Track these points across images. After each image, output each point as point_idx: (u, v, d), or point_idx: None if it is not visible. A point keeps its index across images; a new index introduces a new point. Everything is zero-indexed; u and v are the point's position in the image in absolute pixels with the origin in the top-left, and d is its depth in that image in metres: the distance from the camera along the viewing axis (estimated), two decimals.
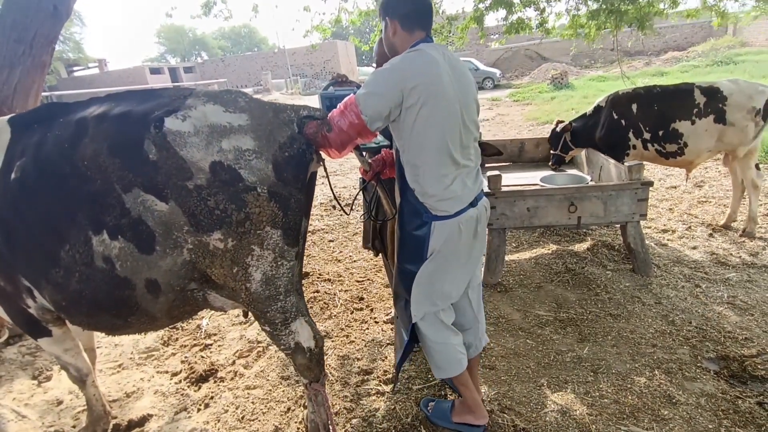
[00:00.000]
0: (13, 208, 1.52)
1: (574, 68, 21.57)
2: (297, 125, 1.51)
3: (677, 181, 5.11)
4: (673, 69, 16.93)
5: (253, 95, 1.57)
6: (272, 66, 32.09)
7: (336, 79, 2.14)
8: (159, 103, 1.45)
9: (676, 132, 3.48)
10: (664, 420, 1.96)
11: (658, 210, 4.36)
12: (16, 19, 2.38)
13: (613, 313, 2.76)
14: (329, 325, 2.93)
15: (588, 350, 2.44)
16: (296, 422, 2.12)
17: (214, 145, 1.39)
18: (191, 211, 1.39)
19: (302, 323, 1.70)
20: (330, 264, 3.90)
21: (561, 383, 2.22)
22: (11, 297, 1.71)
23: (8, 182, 1.53)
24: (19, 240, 1.54)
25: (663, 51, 23.32)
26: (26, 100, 2.51)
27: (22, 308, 1.72)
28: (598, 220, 3.09)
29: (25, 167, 1.51)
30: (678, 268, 3.26)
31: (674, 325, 2.61)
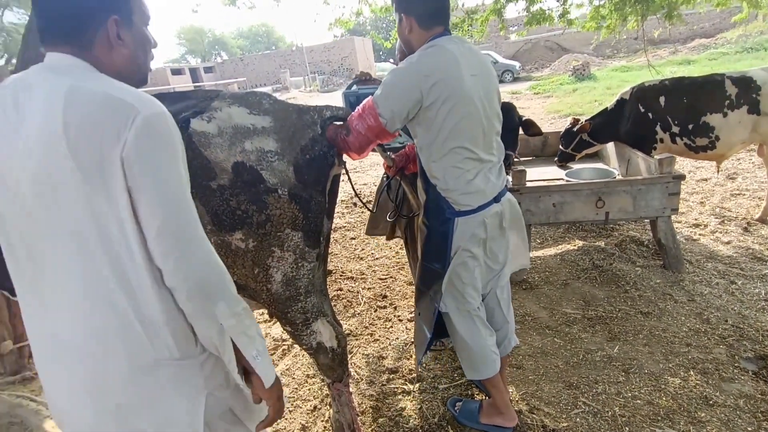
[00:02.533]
0: None
1: (596, 59, 21.09)
2: (321, 126, 1.51)
3: (708, 173, 4.94)
4: (700, 57, 16.40)
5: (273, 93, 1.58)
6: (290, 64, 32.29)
7: (359, 77, 2.13)
8: (188, 105, 1.47)
9: (707, 125, 3.35)
10: (700, 422, 1.89)
11: (689, 204, 4.23)
12: None
13: (644, 310, 2.68)
14: (353, 324, 2.94)
15: (618, 349, 2.38)
16: (322, 421, 2.13)
17: (237, 146, 1.40)
18: (214, 210, 1.41)
19: (324, 323, 1.70)
20: (352, 262, 3.90)
21: (591, 383, 2.17)
22: None
23: None
24: None
25: (689, 38, 22.58)
26: None
27: None
28: (627, 216, 3.01)
29: None
30: (711, 264, 3.15)
31: (709, 323, 2.52)
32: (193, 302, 0.90)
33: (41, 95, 0.85)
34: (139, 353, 0.90)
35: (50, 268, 0.87)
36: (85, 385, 0.89)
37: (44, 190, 0.84)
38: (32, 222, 0.86)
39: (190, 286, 0.89)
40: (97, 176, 0.83)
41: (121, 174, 0.84)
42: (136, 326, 0.89)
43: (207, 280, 0.91)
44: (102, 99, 0.84)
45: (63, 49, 0.90)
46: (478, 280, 1.73)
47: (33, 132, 0.83)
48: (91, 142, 0.82)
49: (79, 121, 0.82)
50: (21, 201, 0.86)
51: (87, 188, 0.83)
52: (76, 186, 0.83)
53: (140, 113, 0.85)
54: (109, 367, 0.89)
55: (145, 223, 0.87)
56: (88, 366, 0.88)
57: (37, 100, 0.85)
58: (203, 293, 0.90)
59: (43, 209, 0.85)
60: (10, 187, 0.86)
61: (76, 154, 0.82)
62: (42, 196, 0.84)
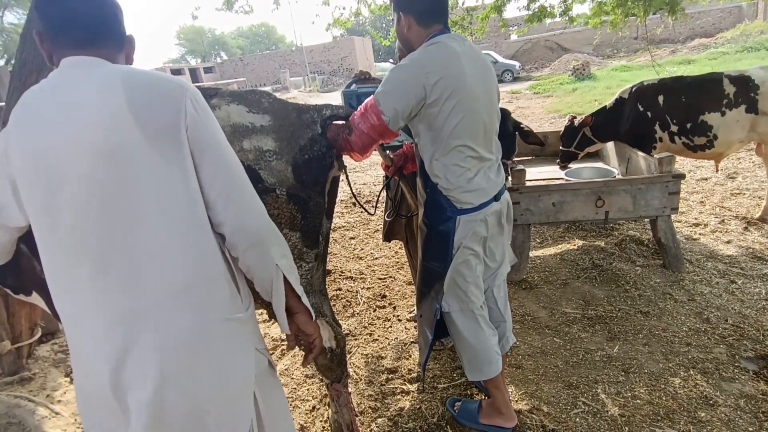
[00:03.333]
0: None
1: (596, 58, 21.08)
2: (321, 126, 1.49)
3: (708, 172, 4.93)
4: (700, 56, 16.38)
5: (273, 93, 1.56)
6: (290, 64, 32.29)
7: (358, 76, 2.12)
8: None
9: (705, 124, 3.34)
10: (701, 422, 1.89)
11: (689, 203, 4.22)
12: None
13: (644, 310, 2.67)
14: (352, 323, 2.93)
15: (618, 349, 2.37)
16: (321, 421, 2.12)
17: (236, 144, 1.39)
18: None
19: (323, 324, 1.69)
20: (352, 261, 3.90)
21: (591, 383, 2.17)
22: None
23: None
24: None
25: (690, 38, 22.60)
26: None
27: None
28: (626, 215, 3.00)
29: None
30: (711, 263, 3.14)
31: (709, 323, 2.51)
32: (253, 250, 1.01)
33: (91, 85, 0.91)
34: (206, 311, 0.96)
35: (115, 240, 0.90)
36: (156, 345, 0.92)
37: (109, 166, 0.89)
38: (97, 200, 0.89)
39: (250, 235, 1.00)
40: (165, 144, 0.92)
41: (186, 139, 0.94)
42: (204, 286, 0.96)
43: (263, 227, 1.03)
44: (158, 78, 0.95)
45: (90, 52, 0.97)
46: (480, 279, 1.72)
47: (91, 116, 0.89)
48: (156, 114, 0.92)
49: (143, 97, 0.91)
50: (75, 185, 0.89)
51: (155, 157, 0.91)
52: (143, 156, 0.90)
53: (188, 89, 0.97)
54: (180, 325, 0.93)
55: (208, 182, 0.97)
56: (161, 326, 0.92)
57: (88, 90, 0.91)
58: (261, 240, 1.01)
59: (109, 183, 0.89)
60: (55, 178, 0.90)
61: (143, 126, 0.90)
62: (106, 172, 0.89)
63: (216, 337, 0.98)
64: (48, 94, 0.93)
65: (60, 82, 0.94)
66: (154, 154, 0.91)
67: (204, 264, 0.96)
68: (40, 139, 0.91)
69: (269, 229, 1.04)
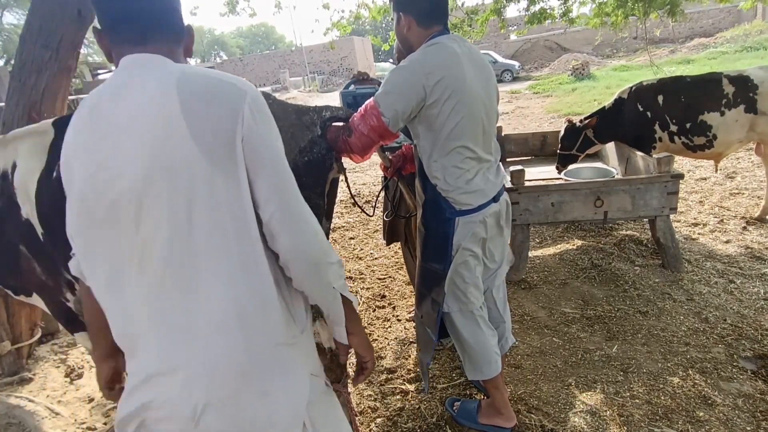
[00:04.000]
0: (55, 204, 1.57)
1: (595, 58, 21.10)
2: (320, 127, 1.48)
3: (707, 172, 4.94)
4: (700, 56, 16.39)
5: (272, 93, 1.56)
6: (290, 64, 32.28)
7: (357, 77, 2.13)
8: None
9: (705, 124, 3.35)
10: (699, 422, 1.89)
11: (688, 203, 4.23)
12: (42, 25, 2.43)
13: (643, 310, 2.68)
14: None
15: (617, 349, 2.38)
16: None
17: None
18: None
19: (322, 324, 1.69)
20: (351, 261, 3.90)
21: (590, 383, 2.17)
22: (52, 291, 1.77)
23: (51, 180, 1.57)
24: (60, 235, 1.59)
25: (689, 38, 22.60)
26: (53, 104, 2.56)
27: (61, 302, 1.79)
28: (625, 215, 3.01)
29: None
30: (710, 263, 3.15)
31: (708, 322, 2.52)
32: (310, 272, 0.95)
33: (149, 89, 0.85)
34: (259, 335, 0.91)
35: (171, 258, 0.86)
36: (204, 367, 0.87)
37: (163, 179, 0.83)
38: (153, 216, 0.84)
39: (307, 257, 0.93)
40: (220, 155, 0.85)
41: (241, 151, 0.86)
42: (257, 308, 0.90)
43: (318, 251, 0.95)
44: (215, 81, 0.87)
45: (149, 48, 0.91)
46: (479, 279, 1.73)
47: (148, 125, 0.83)
48: (211, 123, 0.84)
49: (198, 103, 0.84)
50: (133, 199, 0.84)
51: (209, 169, 0.84)
52: (198, 169, 0.83)
53: (248, 93, 0.89)
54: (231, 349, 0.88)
55: (263, 198, 0.89)
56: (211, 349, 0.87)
57: (146, 95, 0.85)
58: (316, 264, 0.95)
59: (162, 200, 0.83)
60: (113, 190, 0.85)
61: (197, 135, 0.83)
62: (159, 183, 0.83)
63: (267, 363, 0.92)
64: (109, 97, 0.89)
65: (121, 84, 0.89)
66: (209, 167, 0.84)
67: (257, 286, 0.90)
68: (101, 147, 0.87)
69: (324, 251, 0.97)
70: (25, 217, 1.65)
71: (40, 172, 1.62)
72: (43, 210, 1.61)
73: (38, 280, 1.77)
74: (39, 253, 1.68)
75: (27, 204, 1.63)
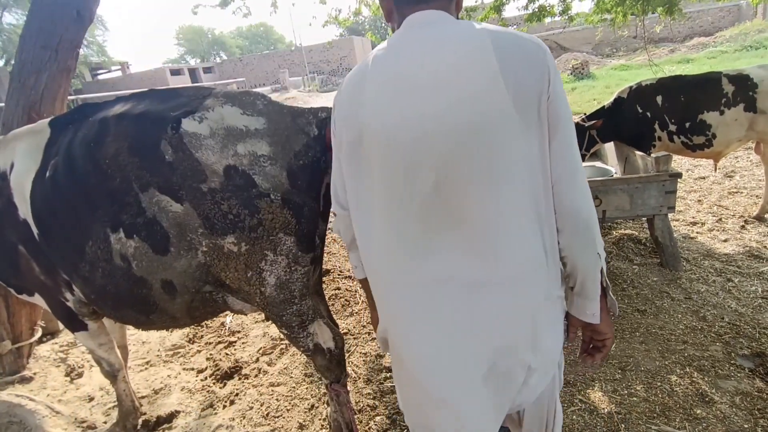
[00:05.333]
0: (49, 204, 1.58)
1: (595, 57, 21.06)
2: (317, 126, 1.48)
3: (706, 171, 4.95)
4: (699, 56, 16.38)
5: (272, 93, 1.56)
6: (289, 64, 32.29)
7: None
8: (178, 103, 1.45)
9: (704, 123, 3.36)
10: (697, 419, 1.90)
11: (686, 202, 4.24)
12: (41, 26, 2.44)
13: (641, 308, 2.69)
14: (351, 322, 2.94)
15: (615, 347, 2.39)
16: (320, 419, 2.14)
17: (230, 148, 1.38)
18: (205, 213, 1.40)
19: (320, 325, 1.70)
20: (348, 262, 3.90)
21: (587, 381, 2.18)
22: (51, 291, 1.79)
23: (44, 180, 1.58)
24: (55, 235, 1.60)
25: (688, 37, 22.57)
26: (53, 104, 2.57)
27: (61, 301, 1.80)
28: (624, 214, 3.01)
29: (57, 165, 1.55)
30: (708, 261, 3.16)
31: (706, 321, 2.53)
32: (581, 235, 0.96)
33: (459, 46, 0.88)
34: (542, 286, 0.95)
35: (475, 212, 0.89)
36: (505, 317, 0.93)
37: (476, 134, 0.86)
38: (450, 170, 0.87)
39: (582, 219, 0.95)
40: (529, 113, 0.87)
41: (545, 109, 0.89)
42: (542, 261, 0.94)
43: (592, 213, 0.97)
44: (521, 40, 0.89)
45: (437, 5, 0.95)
46: None
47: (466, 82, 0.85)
48: (525, 81, 0.86)
49: (513, 61, 0.86)
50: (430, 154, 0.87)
51: (521, 127, 0.87)
52: (511, 126, 0.86)
53: (546, 51, 0.91)
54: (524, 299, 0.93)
55: (556, 158, 0.92)
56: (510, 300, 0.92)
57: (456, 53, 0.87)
58: (590, 226, 0.96)
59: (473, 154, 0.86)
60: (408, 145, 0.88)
61: (513, 91, 0.85)
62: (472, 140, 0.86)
63: (547, 314, 0.97)
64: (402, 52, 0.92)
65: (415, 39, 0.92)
66: (519, 124, 0.86)
67: (543, 240, 0.93)
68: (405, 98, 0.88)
69: (594, 212, 0.98)
70: (22, 217, 1.65)
71: (35, 173, 1.63)
72: (37, 210, 1.61)
73: (37, 280, 1.78)
74: (37, 253, 1.69)
75: (23, 204, 1.64)
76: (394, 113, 0.89)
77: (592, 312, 1.03)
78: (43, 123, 1.71)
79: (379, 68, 0.94)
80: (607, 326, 1.07)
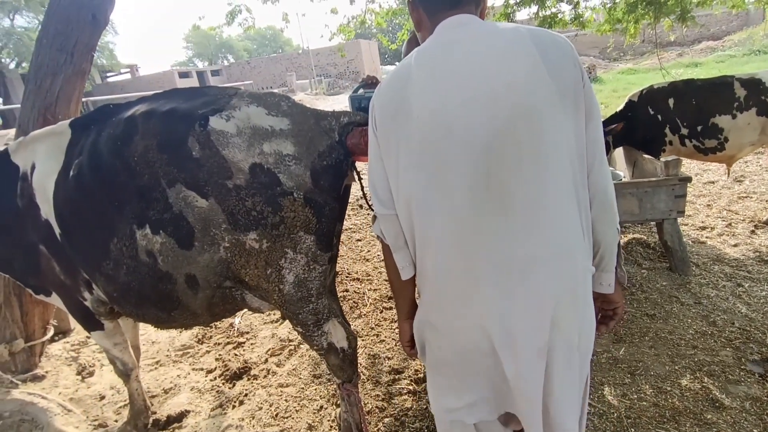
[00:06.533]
0: (72, 203, 1.61)
1: (602, 61, 21.02)
2: (338, 133, 1.50)
3: (715, 176, 4.92)
4: (708, 59, 16.31)
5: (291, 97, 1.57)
6: (296, 67, 32.42)
7: (366, 81, 2.15)
8: (204, 101, 1.48)
9: (716, 127, 3.35)
10: (707, 424, 1.89)
11: (696, 206, 4.22)
12: (58, 29, 2.48)
13: (650, 313, 2.68)
14: (359, 324, 2.95)
15: (624, 351, 2.38)
16: (329, 420, 2.15)
17: (256, 147, 1.41)
18: (230, 209, 1.42)
19: (335, 324, 1.71)
20: (358, 263, 3.92)
21: (596, 385, 2.18)
22: (70, 290, 1.82)
23: (68, 180, 1.61)
24: (78, 234, 1.62)
25: (697, 41, 22.45)
26: (68, 107, 2.60)
27: (79, 301, 1.82)
28: (632, 218, 3.01)
29: (81, 165, 1.58)
30: (718, 266, 3.14)
31: (716, 326, 2.51)
32: (606, 212, 1.06)
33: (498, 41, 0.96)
34: (581, 261, 1.02)
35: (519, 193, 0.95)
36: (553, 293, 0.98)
37: (525, 118, 0.92)
38: (500, 154, 0.93)
39: (608, 198, 1.05)
40: (569, 99, 0.95)
41: (582, 97, 0.98)
42: (580, 238, 1.01)
43: (614, 193, 1.07)
44: (553, 34, 0.99)
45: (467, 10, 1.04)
46: None
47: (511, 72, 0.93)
48: (564, 71, 0.95)
49: (552, 53, 0.94)
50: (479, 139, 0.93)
51: (561, 113, 0.95)
52: (555, 111, 0.94)
53: (573, 46, 1.00)
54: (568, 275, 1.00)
55: (590, 144, 1.01)
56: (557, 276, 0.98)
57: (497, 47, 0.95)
58: (612, 204, 1.06)
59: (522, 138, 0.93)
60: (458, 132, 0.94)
61: (555, 79, 0.93)
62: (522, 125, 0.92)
63: (584, 286, 1.04)
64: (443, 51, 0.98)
65: (452, 40, 0.99)
66: (560, 111, 0.94)
67: (580, 217, 1.01)
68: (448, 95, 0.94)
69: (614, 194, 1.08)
70: (44, 217, 1.68)
71: (57, 173, 1.66)
72: (60, 210, 1.65)
73: (57, 279, 1.80)
74: (57, 253, 1.72)
75: (45, 204, 1.67)
76: (445, 103, 0.95)
77: (608, 282, 1.12)
78: (63, 124, 1.74)
79: (424, 63, 0.99)
80: (618, 295, 1.16)
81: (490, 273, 0.98)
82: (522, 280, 0.97)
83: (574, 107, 0.96)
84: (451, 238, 0.99)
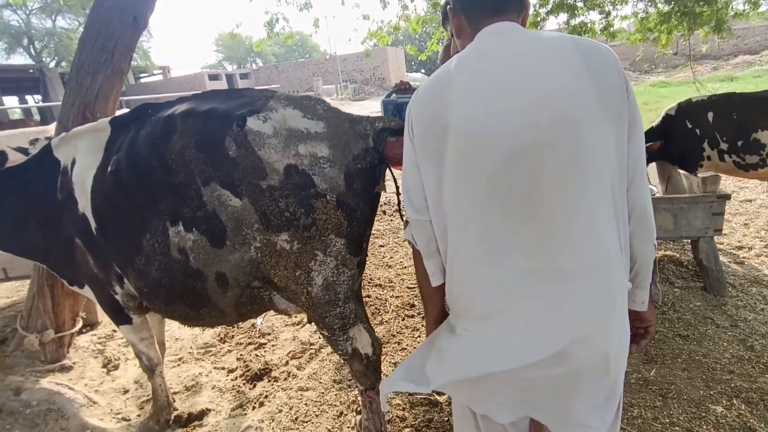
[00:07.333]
0: (108, 199, 1.65)
1: (633, 74, 20.63)
2: (373, 138, 1.50)
3: (752, 194, 4.74)
4: (744, 74, 15.81)
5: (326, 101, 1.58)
6: (323, 72, 32.80)
7: (399, 86, 2.15)
8: (242, 103, 1.50)
9: (758, 142, 3.22)
10: None
11: (732, 225, 4.06)
12: (100, 29, 2.55)
13: (683, 334, 2.58)
14: (381, 331, 2.93)
15: (655, 372, 2.30)
16: (349, 427, 2.13)
17: (291, 148, 1.42)
18: (263, 209, 1.43)
19: (360, 330, 1.70)
20: (381, 269, 3.91)
21: (626, 406, 2.10)
22: (102, 283, 1.85)
23: (105, 176, 1.65)
24: (113, 229, 1.66)
25: (732, 54, 21.82)
26: (106, 105, 2.68)
27: (110, 294, 1.86)
28: (666, 234, 2.91)
29: (119, 161, 1.62)
30: (756, 288, 3.01)
31: (753, 350, 2.40)
32: (644, 229, 1.03)
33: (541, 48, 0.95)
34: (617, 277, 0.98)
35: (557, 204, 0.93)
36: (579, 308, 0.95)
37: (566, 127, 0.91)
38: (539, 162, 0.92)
39: (646, 216, 1.02)
40: (611, 110, 0.93)
41: (626, 107, 0.96)
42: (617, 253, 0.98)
43: (652, 210, 1.04)
44: (600, 45, 0.97)
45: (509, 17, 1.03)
46: None
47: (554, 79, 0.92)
48: (607, 79, 0.93)
49: (594, 61, 0.93)
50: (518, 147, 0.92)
51: (602, 122, 0.92)
52: (597, 121, 0.92)
53: (617, 56, 0.98)
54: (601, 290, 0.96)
55: (632, 157, 0.99)
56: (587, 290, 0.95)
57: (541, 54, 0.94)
58: (650, 221, 1.03)
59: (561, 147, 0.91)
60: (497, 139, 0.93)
61: (598, 89, 0.92)
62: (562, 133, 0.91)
63: (622, 301, 1.00)
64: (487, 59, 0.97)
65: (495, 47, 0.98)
66: (602, 121, 0.92)
67: (618, 231, 0.98)
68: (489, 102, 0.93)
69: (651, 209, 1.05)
70: (81, 211, 1.72)
71: (96, 168, 1.70)
72: (97, 205, 1.68)
73: (90, 273, 1.84)
74: (92, 246, 1.75)
75: (83, 198, 1.71)
76: (486, 110, 0.93)
77: (642, 300, 1.09)
78: (103, 122, 1.79)
79: (465, 70, 0.98)
80: (651, 313, 1.13)
81: (519, 283, 0.96)
82: (552, 292, 0.95)
83: (616, 118, 0.94)
84: (483, 246, 0.97)
